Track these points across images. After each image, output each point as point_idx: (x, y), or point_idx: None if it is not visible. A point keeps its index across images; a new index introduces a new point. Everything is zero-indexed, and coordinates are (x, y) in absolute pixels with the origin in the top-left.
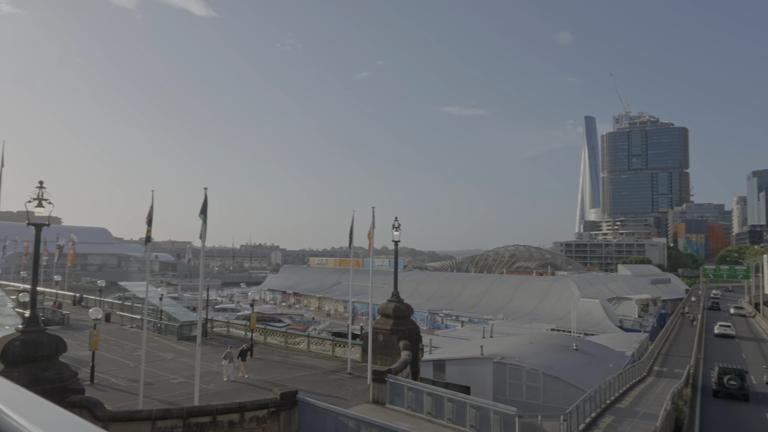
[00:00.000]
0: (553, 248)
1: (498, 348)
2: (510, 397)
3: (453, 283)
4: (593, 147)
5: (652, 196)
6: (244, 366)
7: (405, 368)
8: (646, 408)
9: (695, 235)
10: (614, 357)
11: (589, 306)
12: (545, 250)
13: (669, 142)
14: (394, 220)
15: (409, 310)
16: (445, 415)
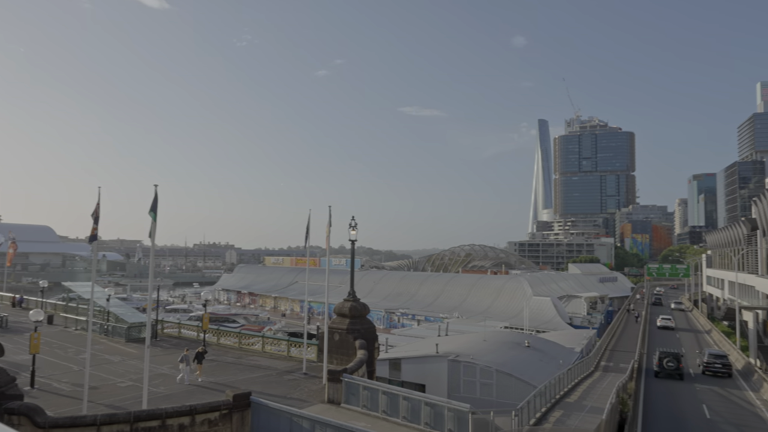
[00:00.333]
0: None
1: (453, 346)
2: (464, 394)
3: (410, 282)
4: (546, 149)
5: (601, 198)
6: (200, 369)
7: (361, 367)
8: (593, 402)
9: (640, 235)
10: (564, 353)
11: (541, 304)
12: (500, 250)
13: (617, 145)
14: (351, 220)
15: (366, 310)
16: (401, 414)
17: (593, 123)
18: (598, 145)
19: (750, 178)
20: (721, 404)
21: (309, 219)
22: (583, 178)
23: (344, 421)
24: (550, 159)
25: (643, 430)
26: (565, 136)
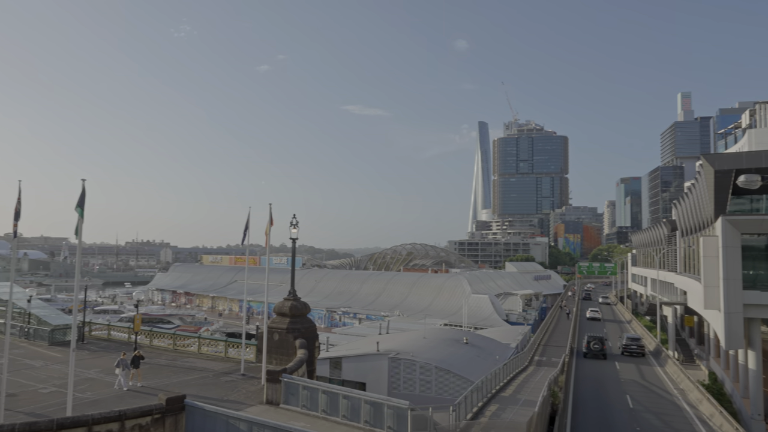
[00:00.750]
0: (448, 247)
1: (393, 344)
2: (404, 391)
3: (351, 281)
4: (486, 151)
5: (536, 199)
6: (139, 374)
7: (301, 367)
8: (527, 395)
9: (572, 235)
10: (500, 349)
11: (479, 301)
12: (440, 249)
13: (552, 148)
14: (293, 218)
15: (306, 309)
16: (340, 412)
17: (530, 126)
18: (535, 148)
19: (671, 182)
20: (642, 394)
21: (248, 217)
22: (520, 179)
23: (283, 421)
24: (490, 160)
25: (573, 420)
26: (504, 138)
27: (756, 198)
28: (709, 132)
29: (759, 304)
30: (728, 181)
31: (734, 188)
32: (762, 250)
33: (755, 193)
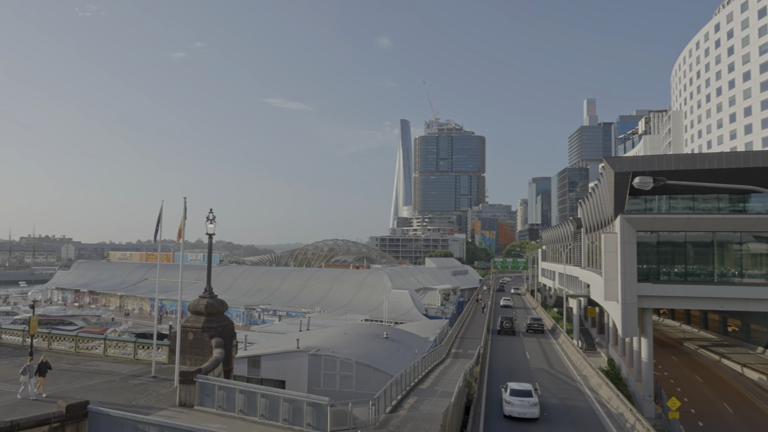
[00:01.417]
0: (369, 243)
1: (314, 340)
2: (324, 388)
3: (271, 278)
4: (407, 148)
5: (455, 196)
6: (42, 382)
7: (217, 367)
8: (444, 387)
9: (488, 231)
10: (419, 342)
11: (399, 296)
12: (362, 245)
13: (470, 148)
14: (209, 212)
15: (223, 306)
16: (258, 412)
17: (450, 126)
18: (454, 147)
19: (577, 182)
20: (550, 382)
21: (161, 211)
22: (440, 177)
23: (197, 423)
24: (411, 158)
25: (486, 408)
26: (425, 137)
27: (649, 198)
28: (611, 136)
29: (651, 295)
30: (626, 183)
31: (631, 189)
32: (654, 246)
33: (649, 194)
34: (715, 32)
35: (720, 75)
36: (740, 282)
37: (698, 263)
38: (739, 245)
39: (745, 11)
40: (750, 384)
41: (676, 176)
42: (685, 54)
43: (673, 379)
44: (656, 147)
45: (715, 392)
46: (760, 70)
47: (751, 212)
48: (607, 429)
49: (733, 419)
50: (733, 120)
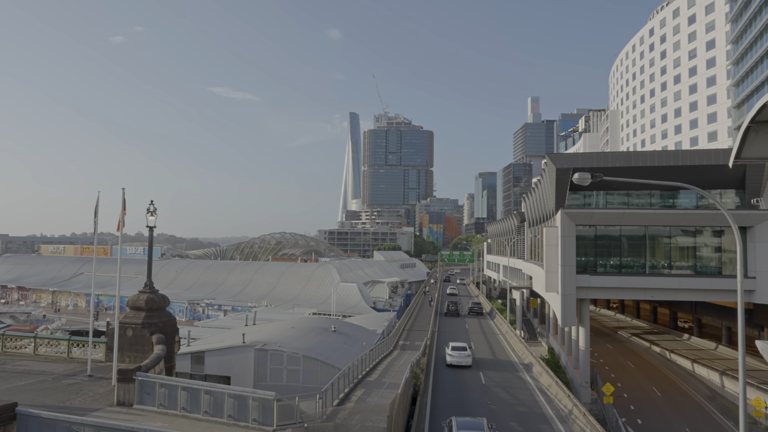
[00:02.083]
0: (318, 236)
1: (260, 335)
2: (271, 383)
3: (216, 272)
4: (356, 141)
5: (404, 190)
6: None
7: (158, 364)
8: (391, 378)
9: (436, 225)
10: (367, 335)
11: (347, 289)
12: (310, 238)
13: (418, 142)
14: (150, 204)
15: (165, 302)
16: (202, 409)
17: (399, 120)
18: (403, 141)
19: (521, 177)
20: (493, 372)
21: (98, 202)
22: (389, 171)
23: (137, 423)
24: (360, 151)
25: (432, 398)
26: (374, 130)
27: (588, 194)
28: (553, 134)
29: (588, 286)
30: (567, 179)
31: (571, 185)
32: (591, 239)
33: (588, 190)
34: (649, 36)
35: (653, 77)
36: (669, 273)
37: (632, 256)
38: (669, 239)
39: (677, 17)
40: (676, 368)
41: (613, 173)
42: (622, 56)
43: (608, 366)
44: (595, 145)
45: (645, 377)
46: (689, 74)
47: (679, 208)
48: (545, 411)
49: (661, 402)
50: (664, 120)
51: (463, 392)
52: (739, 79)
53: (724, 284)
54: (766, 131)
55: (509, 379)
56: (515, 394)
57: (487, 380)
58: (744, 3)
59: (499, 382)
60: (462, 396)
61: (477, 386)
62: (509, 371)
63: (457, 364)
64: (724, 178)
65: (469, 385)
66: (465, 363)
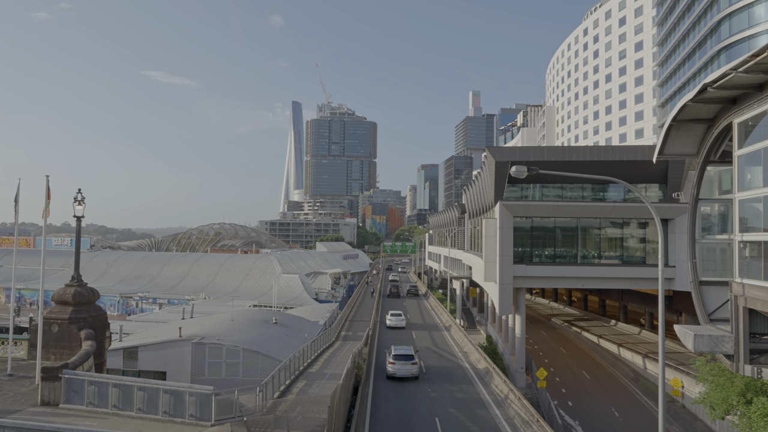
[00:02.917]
0: (259, 227)
1: (198, 328)
2: (210, 377)
3: (151, 263)
4: (299, 131)
5: (347, 181)
6: None
7: (87, 361)
8: (333, 369)
9: (379, 216)
10: (309, 327)
11: (289, 281)
12: (251, 229)
13: (362, 133)
14: (78, 193)
15: (94, 295)
16: (135, 406)
17: (342, 110)
18: (346, 132)
19: (462, 170)
20: (433, 360)
21: (18, 190)
22: (332, 161)
23: (64, 423)
24: (303, 141)
25: (374, 388)
26: (317, 120)
27: (525, 187)
28: (493, 127)
29: (525, 276)
30: (505, 172)
31: (510, 177)
32: (528, 230)
33: (525, 183)
34: (584, 36)
35: (587, 75)
36: (599, 263)
37: (565, 246)
38: (599, 230)
39: (609, 19)
40: (604, 353)
41: (548, 167)
42: (558, 54)
43: (542, 352)
44: (532, 139)
45: (576, 362)
46: (619, 73)
47: (609, 201)
48: (482, 396)
49: (590, 384)
50: (596, 117)
51: (404, 380)
52: (664, 80)
53: (647, 273)
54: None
55: (449, 367)
56: (454, 380)
57: (428, 369)
58: (669, 8)
59: (439, 370)
60: (403, 384)
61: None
62: (449, 360)
63: (395, 326)
64: (649, 173)
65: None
66: (400, 325)
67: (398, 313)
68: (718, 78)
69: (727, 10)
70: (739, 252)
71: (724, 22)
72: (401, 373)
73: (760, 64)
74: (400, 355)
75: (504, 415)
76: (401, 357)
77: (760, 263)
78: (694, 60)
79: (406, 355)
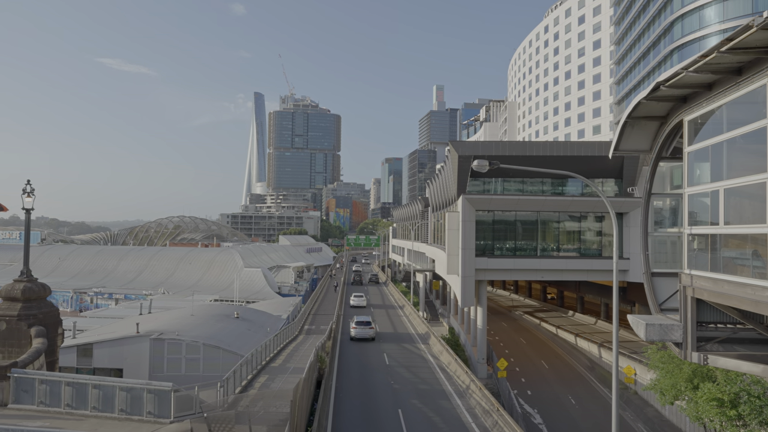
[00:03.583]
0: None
1: (157, 324)
2: (169, 373)
3: (106, 258)
4: (261, 123)
5: (310, 174)
6: None
7: (37, 359)
8: (295, 363)
9: (343, 209)
10: (272, 321)
11: (251, 275)
12: (212, 222)
13: (326, 126)
14: (26, 184)
15: (45, 291)
16: (90, 404)
17: (306, 102)
18: (310, 124)
19: (426, 164)
20: (397, 352)
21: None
22: (295, 154)
23: (11, 424)
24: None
25: (337, 381)
26: (280, 112)
27: (488, 181)
28: (456, 122)
29: (486, 268)
30: (468, 166)
31: (472, 171)
32: (490, 224)
33: (487, 177)
34: (545, 33)
35: (547, 72)
36: (557, 255)
37: (525, 239)
38: (558, 224)
39: (569, 17)
40: (562, 343)
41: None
42: (520, 50)
43: (503, 343)
44: (494, 134)
45: (535, 352)
46: (578, 70)
47: (567, 195)
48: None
49: (548, 374)
50: (556, 113)
51: (367, 373)
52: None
53: (603, 265)
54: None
55: (412, 359)
56: (417, 372)
57: (391, 361)
58: (626, 8)
59: (402, 363)
60: (366, 377)
61: (381, 367)
62: (412, 351)
63: (357, 305)
64: (606, 168)
65: (374, 365)
66: (362, 304)
67: (360, 295)
68: (670, 77)
69: (680, 11)
70: (687, 244)
71: (676, 23)
72: (361, 335)
73: (709, 64)
74: (360, 321)
75: (465, 405)
76: (361, 323)
77: (707, 255)
78: (649, 59)
79: (366, 322)
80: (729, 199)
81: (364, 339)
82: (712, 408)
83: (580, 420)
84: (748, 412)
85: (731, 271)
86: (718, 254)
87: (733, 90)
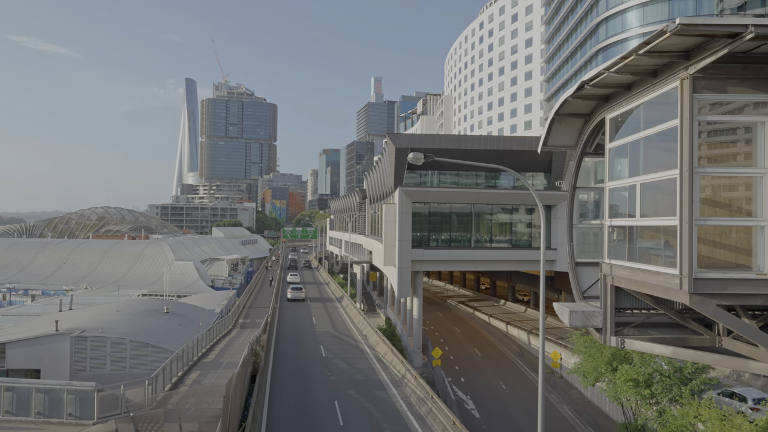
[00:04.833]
0: (148, 211)
1: (79, 321)
2: (92, 372)
3: (21, 251)
4: (193, 110)
5: (245, 164)
6: None
7: None
8: (229, 358)
9: (279, 200)
10: (204, 315)
11: (182, 268)
12: (139, 213)
13: (261, 115)
14: None
15: None
16: (3, 408)
17: (240, 90)
18: (245, 113)
19: (364, 155)
20: (333, 344)
21: None
22: (230, 143)
23: None
24: (197, 121)
25: (273, 374)
26: (213, 99)
27: (424, 173)
28: (394, 114)
29: (422, 259)
30: (405, 158)
31: (409, 164)
32: (425, 216)
33: (423, 169)
34: (480, 29)
35: (482, 68)
36: (490, 246)
37: (460, 231)
38: (491, 216)
39: (502, 14)
40: (495, 331)
41: (444, 154)
42: (456, 45)
43: (438, 332)
44: (431, 127)
45: (469, 340)
46: (511, 67)
47: (500, 188)
48: (380, 377)
49: (481, 361)
50: (490, 108)
51: (304, 366)
52: (550, 76)
53: (532, 255)
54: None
55: (349, 350)
56: (354, 364)
57: (328, 353)
58: (555, 8)
59: (339, 354)
60: (303, 369)
61: (318, 358)
62: (349, 342)
63: (292, 282)
64: (536, 162)
65: (310, 357)
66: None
67: (295, 275)
68: (593, 77)
69: (605, 14)
70: (608, 235)
71: (601, 25)
72: (295, 296)
73: (628, 66)
74: (294, 288)
75: (401, 394)
76: (295, 288)
77: (625, 245)
78: (576, 59)
79: (298, 288)
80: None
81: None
82: (629, 388)
83: (509, 404)
84: (660, 391)
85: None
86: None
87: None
